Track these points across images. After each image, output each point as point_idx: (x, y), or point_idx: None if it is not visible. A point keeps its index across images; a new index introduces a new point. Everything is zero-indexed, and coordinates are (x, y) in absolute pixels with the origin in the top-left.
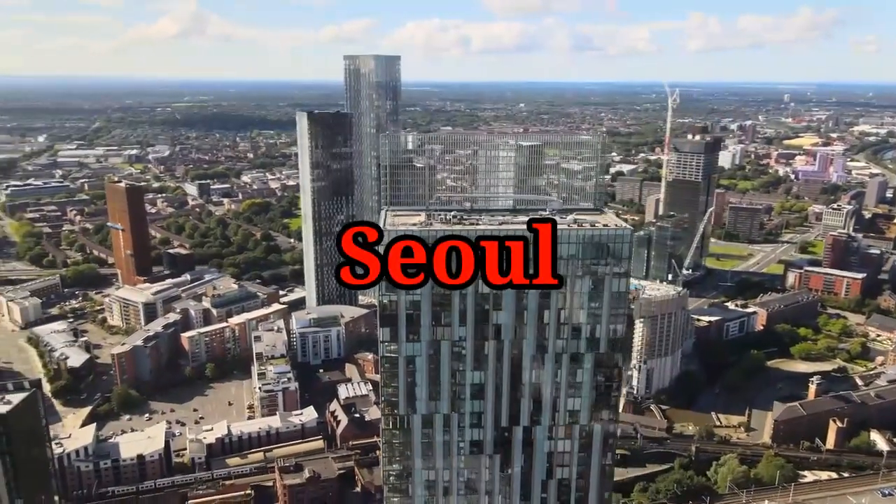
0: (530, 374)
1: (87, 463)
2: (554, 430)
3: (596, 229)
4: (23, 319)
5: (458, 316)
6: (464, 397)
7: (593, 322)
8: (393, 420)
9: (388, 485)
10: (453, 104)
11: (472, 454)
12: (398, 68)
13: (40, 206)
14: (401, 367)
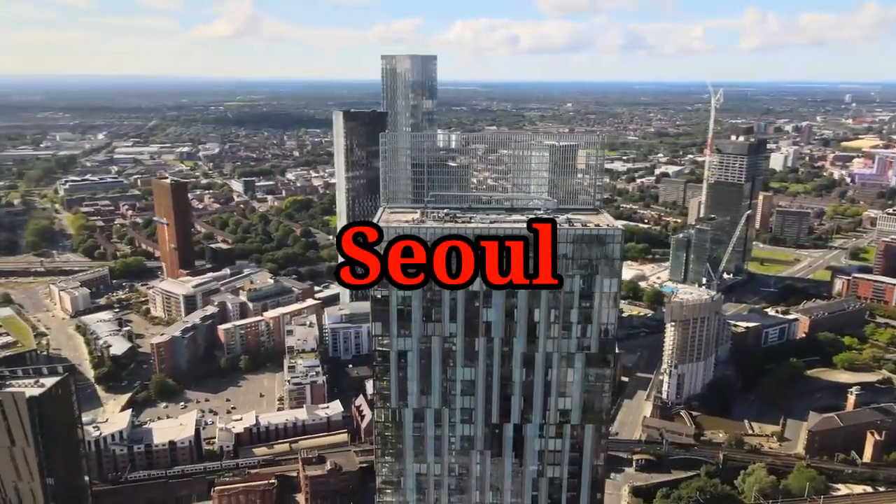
0: (521, 372)
1: (121, 447)
2: (545, 429)
3: (587, 229)
4: (73, 308)
5: (449, 312)
6: (455, 393)
7: (584, 322)
8: (385, 413)
9: (381, 476)
10: (499, 104)
11: (463, 449)
12: (434, 68)
13: (95, 200)
14: (392, 361)
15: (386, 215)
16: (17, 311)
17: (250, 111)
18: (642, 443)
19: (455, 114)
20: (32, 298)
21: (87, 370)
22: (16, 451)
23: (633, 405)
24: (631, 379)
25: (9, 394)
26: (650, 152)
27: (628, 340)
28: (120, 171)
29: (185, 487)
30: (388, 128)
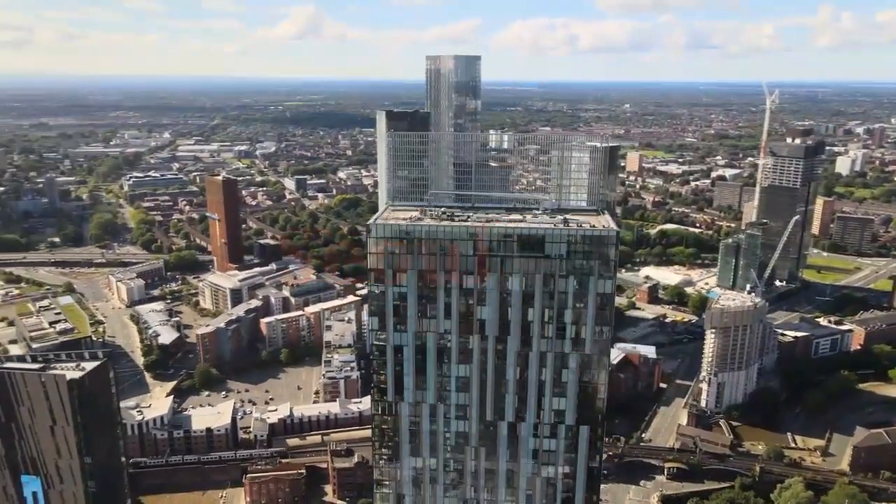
0: (515, 370)
1: (162, 431)
2: (539, 428)
3: (581, 229)
4: (128, 298)
5: (443, 309)
6: (449, 389)
7: (578, 322)
8: (382, 406)
9: (378, 468)
10: (555, 104)
11: (458, 445)
12: (477, 68)
13: (156, 196)
14: (389, 355)
15: (389, 213)
16: (78, 300)
17: (308, 111)
18: (675, 451)
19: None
20: (93, 288)
21: (137, 357)
22: (56, 430)
23: (669, 412)
24: (669, 385)
25: (51, 376)
26: (708, 154)
27: (670, 346)
28: (181, 168)
29: (220, 473)
30: (432, 128)
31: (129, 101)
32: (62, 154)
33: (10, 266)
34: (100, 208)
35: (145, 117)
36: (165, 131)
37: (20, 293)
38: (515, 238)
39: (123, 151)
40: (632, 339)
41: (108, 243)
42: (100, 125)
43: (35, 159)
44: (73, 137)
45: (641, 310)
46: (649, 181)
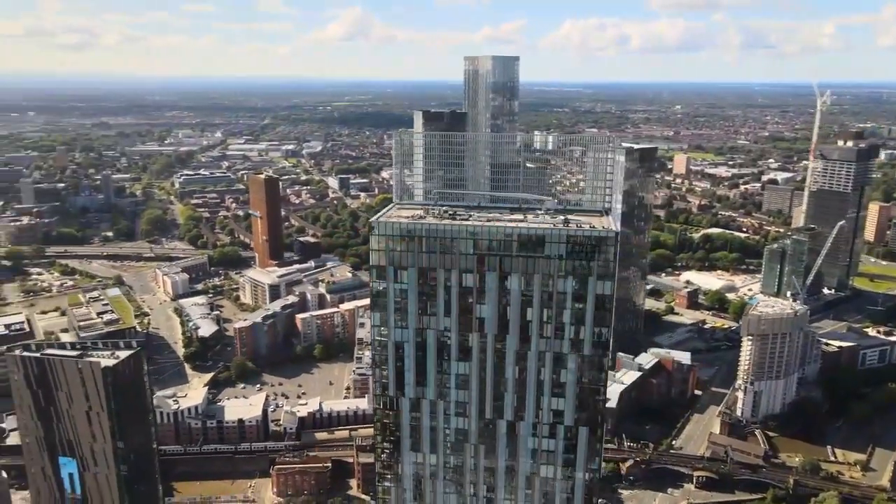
0: (514, 369)
1: (196, 420)
2: (538, 428)
3: (580, 230)
4: (173, 292)
5: (443, 307)
6: (449, 386)
7: (577, 323)
8: (384, 401)
9: (380, 462)
10: (604, 105)
11: (458, 442)
12: (515, 69)
13: (205, 193)
14: (390, 351)
15: (395, 211)
16: (126, 293)
17: (355, 111)
18: (705, 459)
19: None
20: (141, 281)
21: (178, 349)
22: (92, 415)
23: (702, 420)
24: (705, 393)
25: (87, 363)
26: (760, 157)
27: (707, 353)
28: (230, 167)
29: (249, 463)
30: (468, 128)
31: (185, 101)
32: (119, 152)
33: (66, 258)
34: (151, 205)
35: (199, 117)
36: (217, 131)
37: (74, 284)
38: (515, 238)
39: (177, 150)
40: (668, 344)
41: (157, 238)
42: (156, 124)
43: (94, 157)
44: (131, 136)
45: (680, 315)
46: (696, 184)
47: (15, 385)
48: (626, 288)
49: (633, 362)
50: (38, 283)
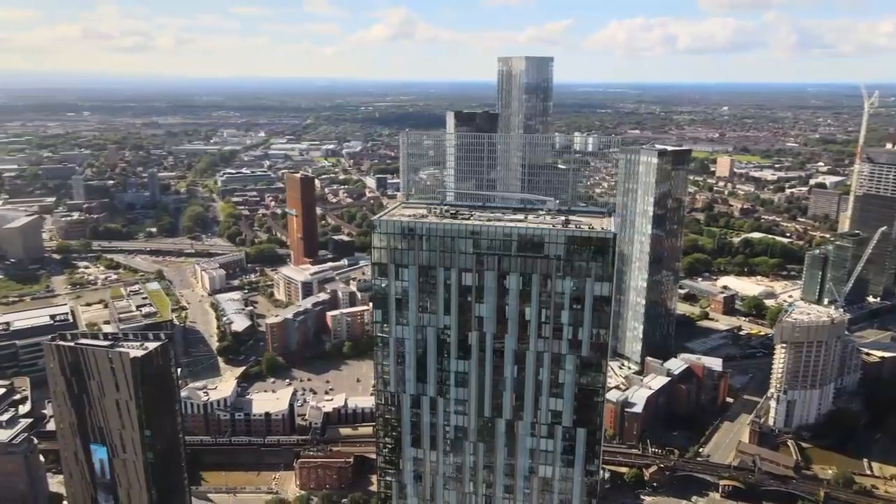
0: (512, 369)
1: (225, 412)
2: (537, 428)
3: (578, 230)
4: (210, 287)
5: (443, 304)
6: (449, 383)
7: (575, 324)
8: (385, 397)
9: (382, 456)
10: (648, 106)
11: (458, 439)
12: (549, 69)
13: (245, 191)
14: (391, 348)
15: (398, 210)
16: (166, 287)
17: (396, 111)
18: (732, 468)
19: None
20: (181, 276)
21: (213, 343)
22: (121, 403)
23: (732, 428)
24: (737, 400)
25: (117, 353)
26: (809, 160)
27: (742, 360)
28: (271, 166)
29: (275, 456)
30: (501, 129)
31: (232, 101)
32: (167, 151)
33: (111, 253)
34: (193, 202)
35: (244, 116)
36: (261, 130)
37: (118, 278)
38: (513, 238)
39: (221, 149)
40: (701, 350)
41: (198, 235)
42: (202, 124)
43: (143, 155)
44: (178, 135)
45: (715, 321)
46: (739, 187)
47: (50, 372)
48: (657, 292)
49: (662, 367)
50: (84, 276)
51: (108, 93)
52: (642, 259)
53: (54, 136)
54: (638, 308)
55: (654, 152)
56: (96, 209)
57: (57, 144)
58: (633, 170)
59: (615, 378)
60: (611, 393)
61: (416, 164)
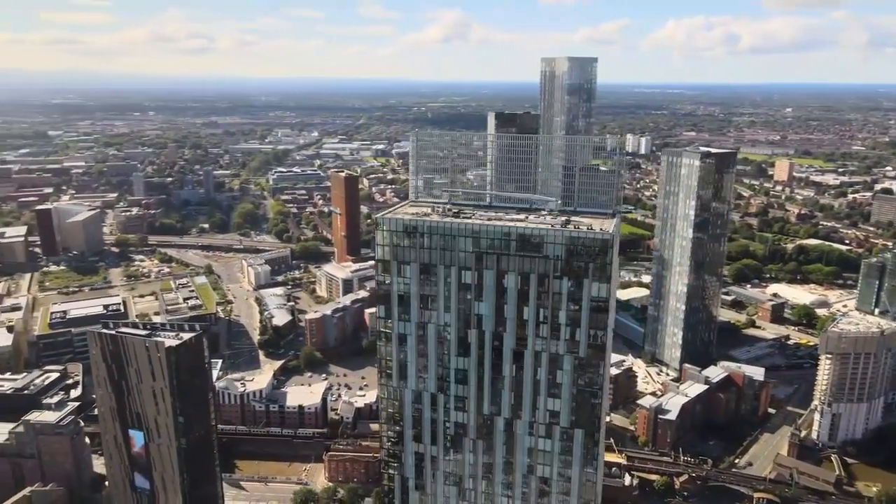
0: (510, 367)
1: (260, 404)
2: (535, 428)
3: (576, 231)
4: (255, 282)
5: (444, 302)
6: (449, 380)
7: (573, 324)
8: (388, 391)
9: (385, 449)
10: (707, 108)
11: (457, 436)
12: (593, 70)
13: (294, 189)
14: (394, 343)
15: (405, 208)
16: (213, 281)
17: (448, 112)
18: (768, 481)
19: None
20: (229, 271)
21: (255, 336)
22: (156, 390)
23: (772, 440)
24: (779, 411)
25: (153, 342)
26: (877, 164)
27: (788, 371)
28: (321, 165)
29: (306, 448)
30: (542, 130)
31: (288, 101)
32: (223, 149)
33: (165, 247)
34: (245, 199)
35: (299, 116)
36: (314, 130)
37: (170, 271)
38: (512, 237)
39: (275, 148)
40: (745, 358)
41: (247, 231)
42: (258, 123)
43: (201, 153)
44: (235, 135)
45: (762, 329)
46: (798, 192)
47: (93, 359)
48: (698, 297)
49: (700, 375)
50: (139, 269)
51: (172, 93)
52: (683, 264)
53: (120, 135)
54: (678, 314)
55: (697, 154)
56: (154, 205)
57: (122, 143)
58: (675, 172)
59: (652, 384)
60: (645, 399)
61: (464, 164)
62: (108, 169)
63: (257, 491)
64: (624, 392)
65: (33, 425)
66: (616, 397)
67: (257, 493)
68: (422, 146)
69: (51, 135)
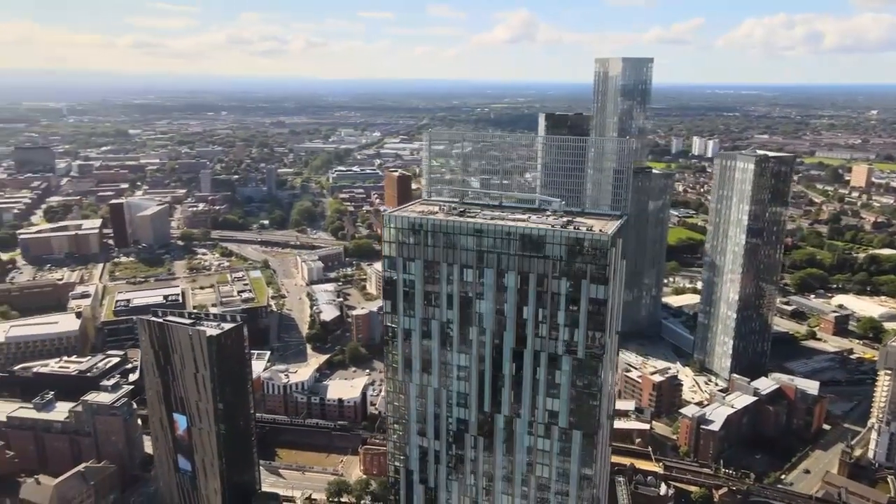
0: (510, 366)
1: (302, 395)
2: (534, 427)
3: (574, 231)
4: (308, 278)
5: (446, 299)
6: (451, 376)
7: (571, 325)
8: (393, 384)
9: (391, 441)
10: (783, 109)
11: (459, 431)
12: (647, 71)
13: (353, 188)
14: (399, 338)
15: (415, 205)
16: (269, 276)
17: (512, 113)
18: (814, 499)
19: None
20: (284, 266)
21: (304, 330)
22: (198, 376)
23: (824, 458)
24: (835, 428)
25: (196, 331)
26: None
27: (848, 386)
28: (381, 164)
29: (344, 440)
30: (594, 132)
31: (354, 101)
32: (288, 148)
33: (227, 242)
34: (305, 197)
35: (363, 117)
36: (377, 130)
37: (229, 265)
38: (512, 237)
39: (337, 147)
40: (801, 371)
41: (304, 228)
42: (324, 123)
43: (267, 152)
44: (301, 134)
45: (823, 341)
46: (876, 199)
47: (143, 345)
48: (751, 306)
49: (749, 386)
50: (201, 262)
51: (244, 94)
52: (735, 270)
53: (193, 134)
54: (728, 322)
55: (752, 158)
56: (218, 201)
57: (195, 141)
58: (729, 176)
59: (700, 394)
60: (688, 408)
61: (524, 165)
62: (179, 166)
63: (295, 479)
64: (668, 400)
65: (91, 405)
66: (659, 405)
67: (294, 482)
68: (482, 148)
69: (131, 133)
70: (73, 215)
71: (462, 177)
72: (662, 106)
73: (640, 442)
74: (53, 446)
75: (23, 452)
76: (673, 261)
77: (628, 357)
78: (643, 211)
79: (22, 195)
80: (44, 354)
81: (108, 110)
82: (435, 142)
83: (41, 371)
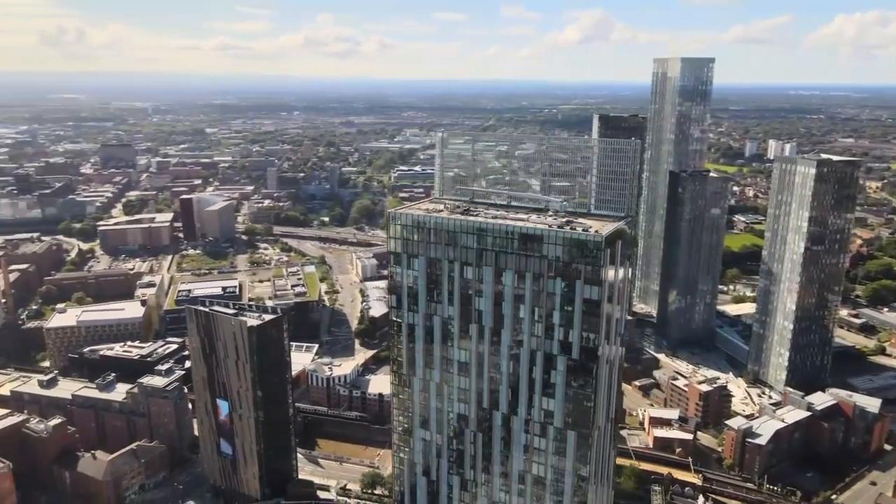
0: (508, 364)
1: (344, 388)
2: (530, 425)
3: (569, 232)
4: (362, 274)
5: (447, 296)
6: (452, 372)
7: (566, 325)
8: (398, 378)
9: (396, 433)
10: (873, 112)
11: (460, 426)
12: (708, 71)
13: (413, 188)
14: (404, 333)
15: (424, 204)
16: (325, 272)
17: (580, 114)
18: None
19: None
20: (340, 263)
21: (354, 325)
22: (239, 364)
23: (881, 479)
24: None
25: (238, 321)
26: None
27: None
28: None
29: (382, 434)
30: (650, 134)
31: (423, 102)
32: (354, 147)
33: (287, 238)
34: (365, 195)
35: (430, 117)
36: (440, 130)
37: (288, 260)
38: (512, 235)
39: (401, 147)
40: (865, 388)
41: (362, 226)
42: (390, 123)
43: (333, 151)
44: (367, 134)
45: (893, 357)
46: None
47: (190, 333)
48: (810, 317)
49: (802, 400)
50: (262, 256)
51: (317, 94)
52: (793, 279)
53: (265, 133)
54: (785, 333)
55: (813, 162)
56: (283, 198)
57: (266, 140)
58: (789, 180)
59: (751, 406)
60: (734, 420)
61: (584, 167)
62: (249, 164)
63: (332, 469)
64: (716, 410)
65: (145, 388)
66: (706, 416)
67: (332, 471)
68: (546, 149)
69: (207, 132)
70: (148, 209)
71: (522, 178)
72: (739, 108)
73: (680, 452)
74: (112, 425)
75: (84, 429)
76: (734, 268)
77: (679, 365)
78: (698, 216)
79: (105, 189)
80: (111, 338)
81: (189, 110)
82: (501, 142)
83: (106, 354)
